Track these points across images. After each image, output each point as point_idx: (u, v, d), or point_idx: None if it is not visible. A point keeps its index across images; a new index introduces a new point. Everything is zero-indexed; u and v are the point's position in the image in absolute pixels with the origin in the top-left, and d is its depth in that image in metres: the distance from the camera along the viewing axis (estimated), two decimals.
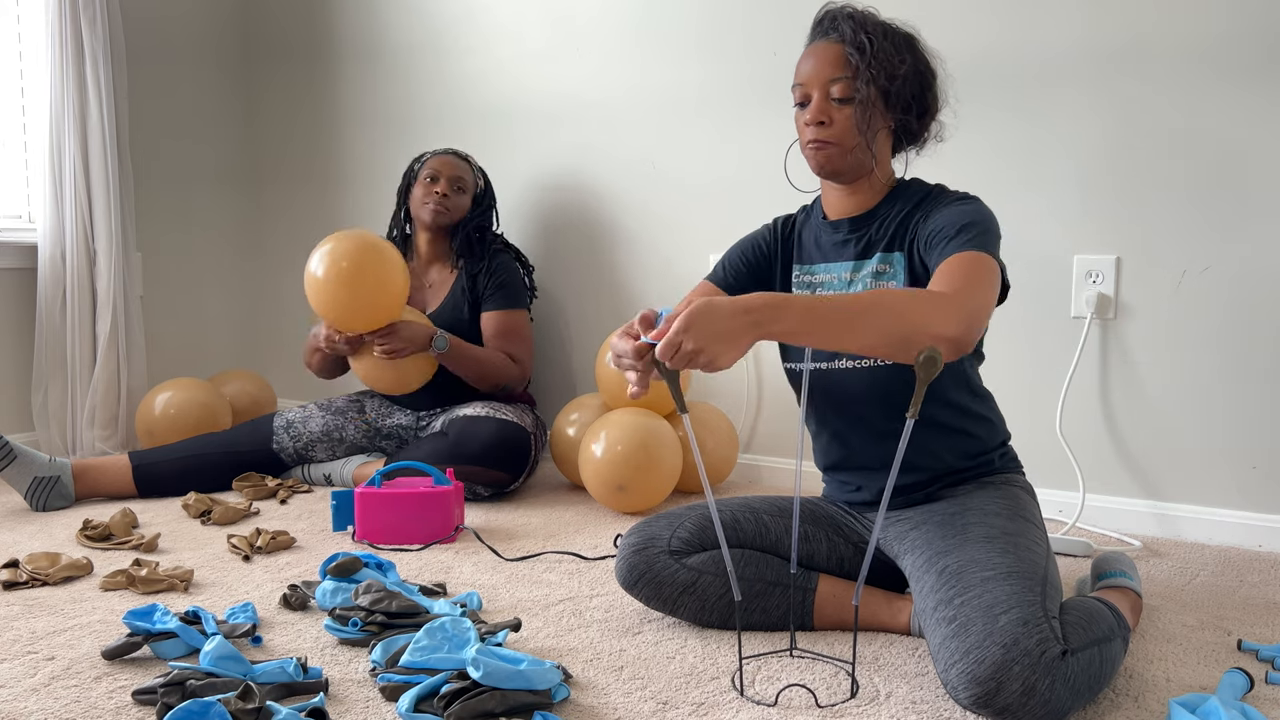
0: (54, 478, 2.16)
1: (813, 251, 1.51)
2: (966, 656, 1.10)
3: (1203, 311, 1.91)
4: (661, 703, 1.20)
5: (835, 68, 1.38)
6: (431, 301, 2.47)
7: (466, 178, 2.45)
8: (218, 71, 3.23)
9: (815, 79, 1.39)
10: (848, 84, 1.37)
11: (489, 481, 2.23)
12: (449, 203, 2.42)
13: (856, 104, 1.37)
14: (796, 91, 1.42)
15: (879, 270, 1.42)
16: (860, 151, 1.40)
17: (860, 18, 1.40)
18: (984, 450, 1.45)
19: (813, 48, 1.42)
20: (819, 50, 1.40)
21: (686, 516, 1.47)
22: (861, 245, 1.44)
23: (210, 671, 1.20)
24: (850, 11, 1.41)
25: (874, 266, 1.42)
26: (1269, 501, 1.88)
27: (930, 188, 1.45)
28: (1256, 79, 1.82)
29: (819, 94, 1.39)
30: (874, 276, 1.42)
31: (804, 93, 1.41)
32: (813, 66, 1.40)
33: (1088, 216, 1.99)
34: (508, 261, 2.46)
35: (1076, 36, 1.97)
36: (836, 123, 1.38)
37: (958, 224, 1.30)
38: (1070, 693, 1.09)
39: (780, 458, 2.43)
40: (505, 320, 2.41)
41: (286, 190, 3.27)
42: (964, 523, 1.32)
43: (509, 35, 2.74)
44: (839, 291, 1.41)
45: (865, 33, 1.37)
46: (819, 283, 1.48)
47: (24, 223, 2.80)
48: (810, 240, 1.52)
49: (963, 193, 1.41)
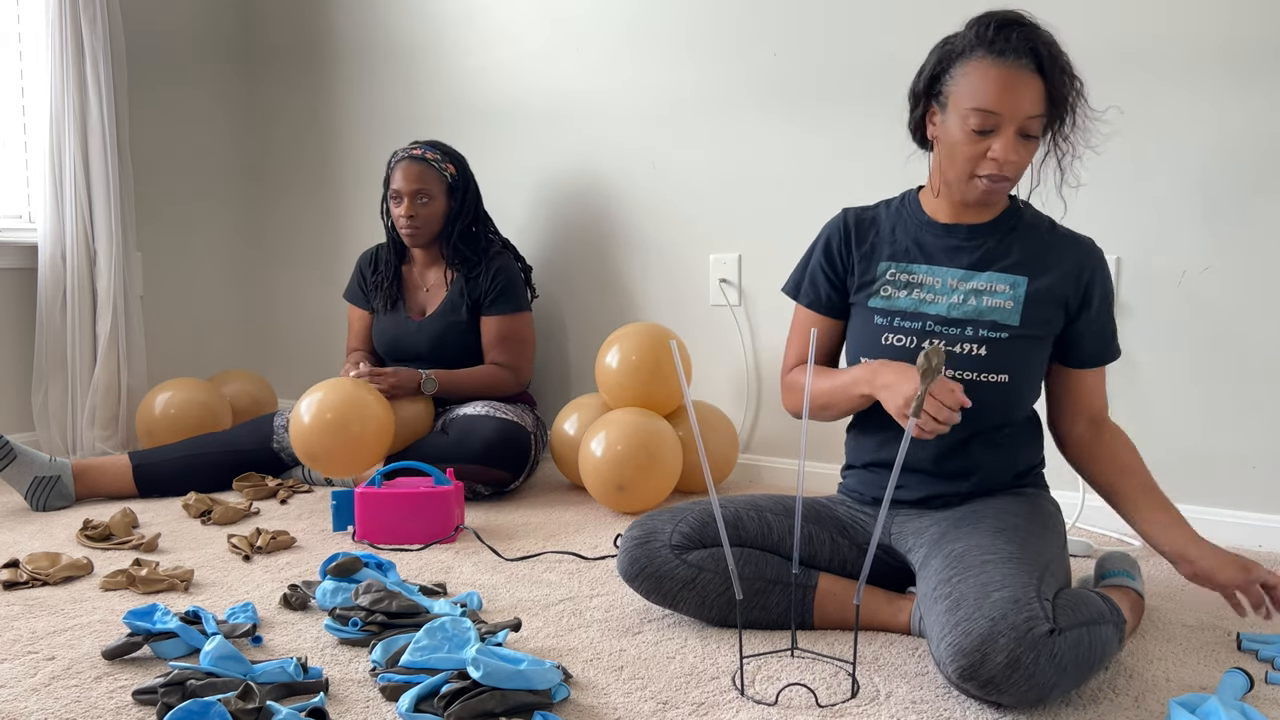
0: (54, 478, 2.16)
1: (913, 250, 1.45)
2: (955, 629, 1.12)
3: (1203, 311, 1.91)
4: (661, 703, 1.20)
5: (1035, 104, 1.30)
6: (429, 305, 2.47)
7: (430, 184, 2.37)
8: (218, 71, 3.23)
9: (1015, 113, 1.29)
10: (1040, 123, 1.31)
11: (489, 481, 2.23)
12: (418, 221, 2.38)
13: (1038, 144, 1.34)
14: (977, 115, 1.30)
15: (994, 288, 1.40)
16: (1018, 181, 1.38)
17: (1050, 44, 1.31)
18: (1029, 467, 1.47)
19: (1009, 70, 1.29)
20: (1019, 79, 1.29)
21: (690, 512, 1.46)
22: (978, 255, 1.42)
23: (210, 671, 1.20)
24: (1041, 33, 1.31)
25: (988, 284, 1.40)
26: (1269, 501, 1.88)
27: (1047, 219, 1.45)
28: (1258, 79, 1.82)
29: (1012, 128, 1.30)
30: (988, 294, 1.40)
31: (993, 122, 1.31)
32: (1013, 99, 1.29)
33: (1087, 216, 1.99)
34: (506, 264, 2.44)
35: (1076, 36, 1.97)
36: (1020, 160, 1.33)
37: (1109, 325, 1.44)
38: (1056, 670, 1.09)
39: (780, 458, 2.43)
40: (505, 326, 2.41)
41: (287, 190, 3.27)
42: (979, 516, 1.35)
43: (508, 36, 2.74)
44: (940, 296, 1.41)
45: (1063, 71, 1.30)
46: (919, 283, 1.44)
47: (24, 223, 2.80)
48: (908, 237, 1.46)
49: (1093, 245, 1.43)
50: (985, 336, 1.38)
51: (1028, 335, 1.39)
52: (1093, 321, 1.41)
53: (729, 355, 2.48)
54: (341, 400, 2.10)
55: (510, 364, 2.41)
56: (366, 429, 2.10)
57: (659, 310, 2.58)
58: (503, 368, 2.40)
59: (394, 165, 2.41)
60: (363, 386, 2.15)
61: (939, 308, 1.41)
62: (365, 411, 2.10)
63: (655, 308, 2.59)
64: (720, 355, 2.49)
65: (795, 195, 2.34)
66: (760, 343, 2.43)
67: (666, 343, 2.24)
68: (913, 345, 1.41)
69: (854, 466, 1.55)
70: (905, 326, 1.43)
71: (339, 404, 2.09)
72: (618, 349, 2.25)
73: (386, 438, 2.15)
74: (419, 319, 2.45)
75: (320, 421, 2.08)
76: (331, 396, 2.11)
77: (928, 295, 1.43)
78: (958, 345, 1.39)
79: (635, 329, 2.28)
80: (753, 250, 2.42)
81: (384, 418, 2.14)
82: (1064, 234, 1.43)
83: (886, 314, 1.45)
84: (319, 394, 2.12)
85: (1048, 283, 1.39)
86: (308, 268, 3.26)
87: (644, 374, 2.21)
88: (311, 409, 2.10)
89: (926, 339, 1.41)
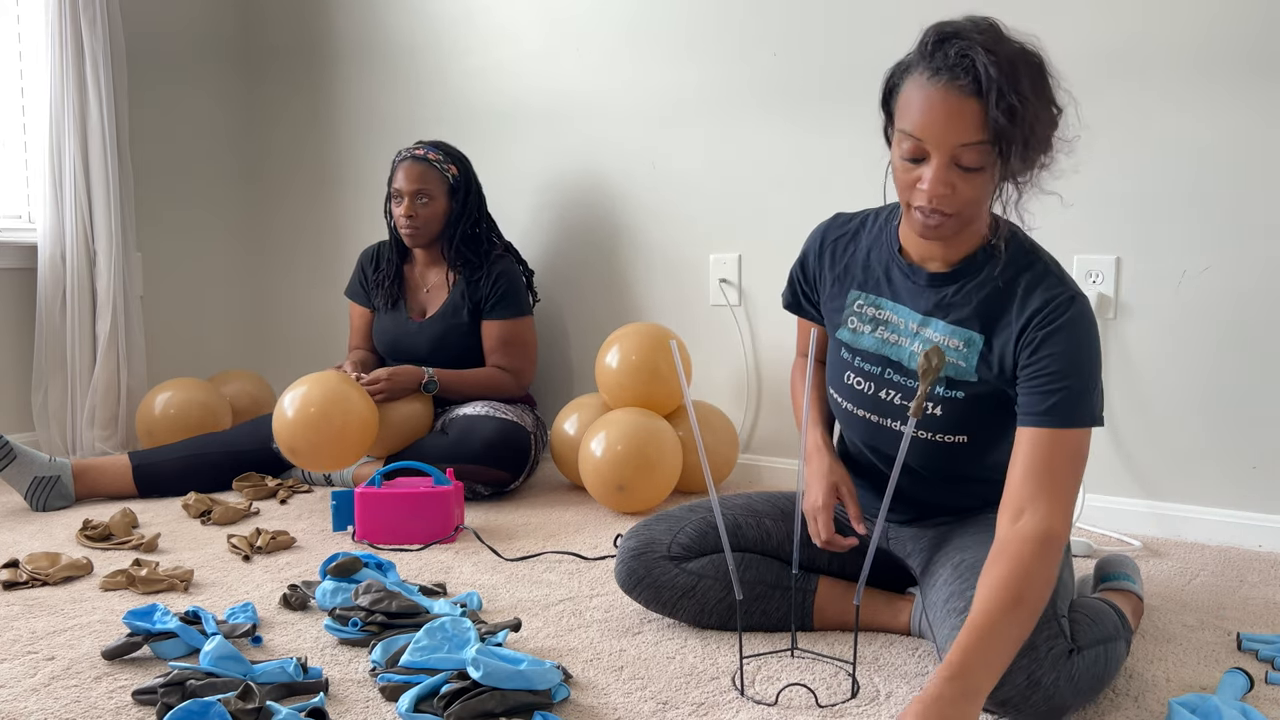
0: (54, 477, 2.16)
1: (882, 283, 1.34)
2: None
3: (1203, 311, 1.91)
4: (661, 703, 1.20)
5: (971, 131, 1.10)
6: (430, 306, 2.47)
7: (431, 184, 2.38)
8: (218, 71, 3.23)
9: (942, 140, 1.11)
10: (982, 153, 1.11)
11: (489, 480, 2.23)
12: (417, 221, 2.38)
13: (986, 177, 1.13)
14: (905, 139, 1.15)
15: (949, 345, 1.26)
16: (976, 218, 1.22)
17: (1004, 60, 1.09)
18: None
19: (938, 92, 1.11)
20: (950, 101, 1.10)
21: (687, 520, 1.45)
22: (932, 303, 1.28)
23: (210, 671, 1.20)
24: (988, 46, 1.10)
25: (944, 337, 1.27)
26: (1269, 501, 1.88)
27: (1027, 262, 1.24)
28: (1257, 79, 1.82)
29: (942, 157, 1.12)
30: (945, 350, 1.26)
31: (920, 149, 1.14)
32: (940, 125, 1.11)
33: (1088, 217, 1.99)
34: (508, 268, 2.44)
35: (1077, 36, 1.97)
36: (960, 193, 1.14)
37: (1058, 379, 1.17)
38: (1073, 690, 1.09)
39: (780, 458, 2.43)
40: (507, 330, 2.41)
41: (287, 190, 3.27)
42: (984, 524, 1.32)
43: (508, 36, 2.74)
44: (903, 339, 1.31)
45: (1015, 90, 1.08)
46: (885, 320, 1.33)
47: (24, 223, 2.79)
48: (880, 267, 1.34)
49: (1066, 296, 1.20)
50: (941, 395, 1.27)
51: (985, 394, 1.26)
52: (1035, 374, 1.20)
53: (729, 355, 2.48)
54: (325, 395, 2.09)
55: (512, 367, 2.41)
56: (349, 423, 2.09)
57: (659, 310, 2.58)
58: (504, 371, 2.40)
59: (396, 165, 2.41)
60: (347, 382, 2.15)
61: (901, 353, 1.31)
62: (348, 406, 2.10)
63: (655, 308, 2.59)
64: (720, 355, 2.49)
65: (795, 195, 2.34)
66: (760, 343, 2.43)
67: (666, 343, 2.24)
68: (870, 391, 1.34)
69: None
70: (866, 370, 1.34)
71: (322, 398, 2.09)
72: (618, 349, 2.25)
73: (370, 433, 2.15)
74: (420, 319, 2.45)
75: (303, 416, 2.07)
76: (315, 391, 2.10)
77: (892, 336, 1.32)
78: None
79: (635, 329, 2.28)
80: (753, 250, 2.42)
81: (367, 414, 2.14)
82: (1037, 279, 1.22)
83: (851, 351, 1.36)
84: (302, 388, 2.11)
85: (1001, 342, 1.24)
86: (308, 268, 3.26)
87: (644, 374, 2.21)
88: (295, 403, 2.09)
89: (884, 389, 1.32)
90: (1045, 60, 1.16)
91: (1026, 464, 1.17)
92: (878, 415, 1.34)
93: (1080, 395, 1.18)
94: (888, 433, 1.34)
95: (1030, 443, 1.17)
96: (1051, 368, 1.18)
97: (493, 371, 2.39)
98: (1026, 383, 1.20)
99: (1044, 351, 1.19)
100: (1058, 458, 1.16)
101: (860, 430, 1.38)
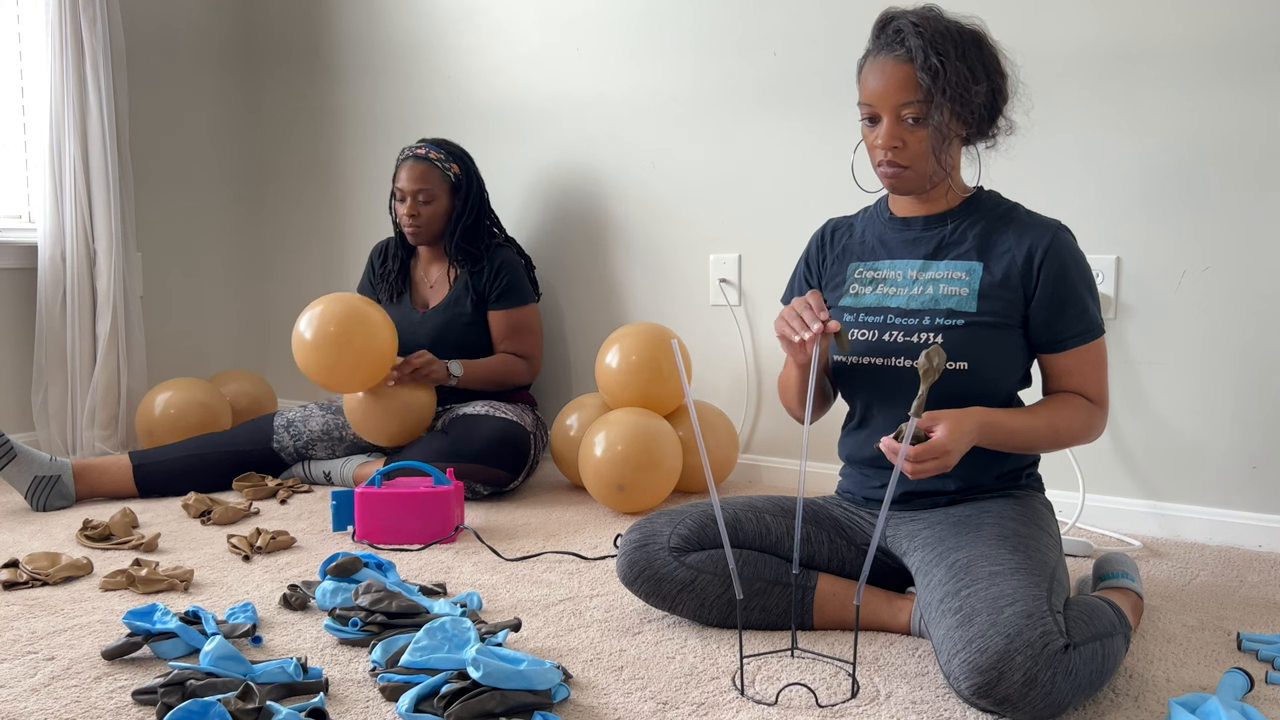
0: (54, 477, 2.16)
1: (878, 248, 1.49)
2: (969, 646, 1.11)
3: (1203, 311, 1.91)
4: (661, 703, 1.20)
5: (906, 91, 1.33)
6: (433, 299, 2.49)
7: (432, 184, 2.41)
8: (218, 71, 3.23)
9: (884, 101, 1.35)
10: (920, 108, 1.33)
11: (488, 479, 2.23)
12: (419, 220, 2.42)
13: (931, 128, 1.34)
14: (864, 108, 1.38)
15: (951, 276, 1.40)
16: (934, 170, 1.39)
17: (929, 30, 1.33)
18: (1016, 470, 1.45)
19: (880, 64, 1.36)
20: (887, 69, 1.35)
21: (688, 514, 1.47)
22: (933, 245, 1.43)
23: (210, 671, 1.20)
24: (915, 20, 1.34)
25: (945, 272, 1.41)
26: (1269, 501, 1.88)
27: (1010, 204, 1.44)
28: (1257, 79, 1.82)
29: (890, 117, 1.35)
30: (945, 282, 1.40)
31: (871, 112, 1.38)
32: (881, 87, 1.35)
33: (1088, 216, 1.99)
34: (510, 258, 2.47)
35: (1078, 36, 1.97)
36: (910, 145, 1.36)
37: (1077, 305, 1.37)
38: (1071, 686, 1.09)
39: (780, 458, 2.43)
40: (514, 318, 2.45)
41: (287, 190, 3.27)
42: (978, 523, 1.33)
43: (509, 36, 2.74)
44: (901, 288, 1.43)
45: (937, 53, 1.31)
46: (883, 278, 1.46)
47: (24, 223, 2.80)
48: (874, 238, 1.50)
49: (1055, 225, 1.39)
50: (941, 325, 1.38)
51: (985, 322, 1.38)
52: (1046, 304, 1.37)
53: (729, 355, 2.48)
54: (344, 312, 2.13)
55: (524, 352, 2.47)
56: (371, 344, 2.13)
57: (659, 310, 2.58)
58: (517, 357, 2.45)
59: (399, 164, 2.45)
60: (366, 301, 2.19)
61: (899, 300, 1.43)
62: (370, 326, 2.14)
63: (655, 308, 2.59)
64: (720, 355, 2.49)
65: (795, 195, 2.34)
66: (760, 343, 2.43)
67: (666, 343, 2.24)
68: (874, 339, 1.43)
69: (849, 464, 1.55)
70: (868, 321, 1.45)
71: (341, 316, 2.12)
72: (618, 349, 2.25)
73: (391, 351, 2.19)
74: (423, 311, 2.48)
75: (324, 334, 2.10)
76: (334, 308, 2.14)
77: (889, 289, 1.45)
78: (915, 335, 1.40)
79: (635, 329, 2.28)
80: (753, 250, 2.42)
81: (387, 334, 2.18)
82: (1023, 218, 1.42)
83: (853, 311, 1.47)
84: (319, 308, 2.15)
85: (1003, 268, 1.38)
86: (308, 267, 3.26)
87: (644, 374, 2.21)
88: (313, 323, 2.13)
89: (887, 331, 1.42)
90: (981, 33, 1.38)
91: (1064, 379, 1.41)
92: (883, 357, 1.42)
93: (1093, 314, 1.39)
94: (893, 375, 1.42)
95: (1064, 363, 1.40)
96: (1070, 296, 1.37)
97: (506, 357, 2.44)
98: (1048, 315, 1.38)
99: (1058, 285, 1.37)
100: (1089, 367, 1.40)
101: (867, 383, 1.45)
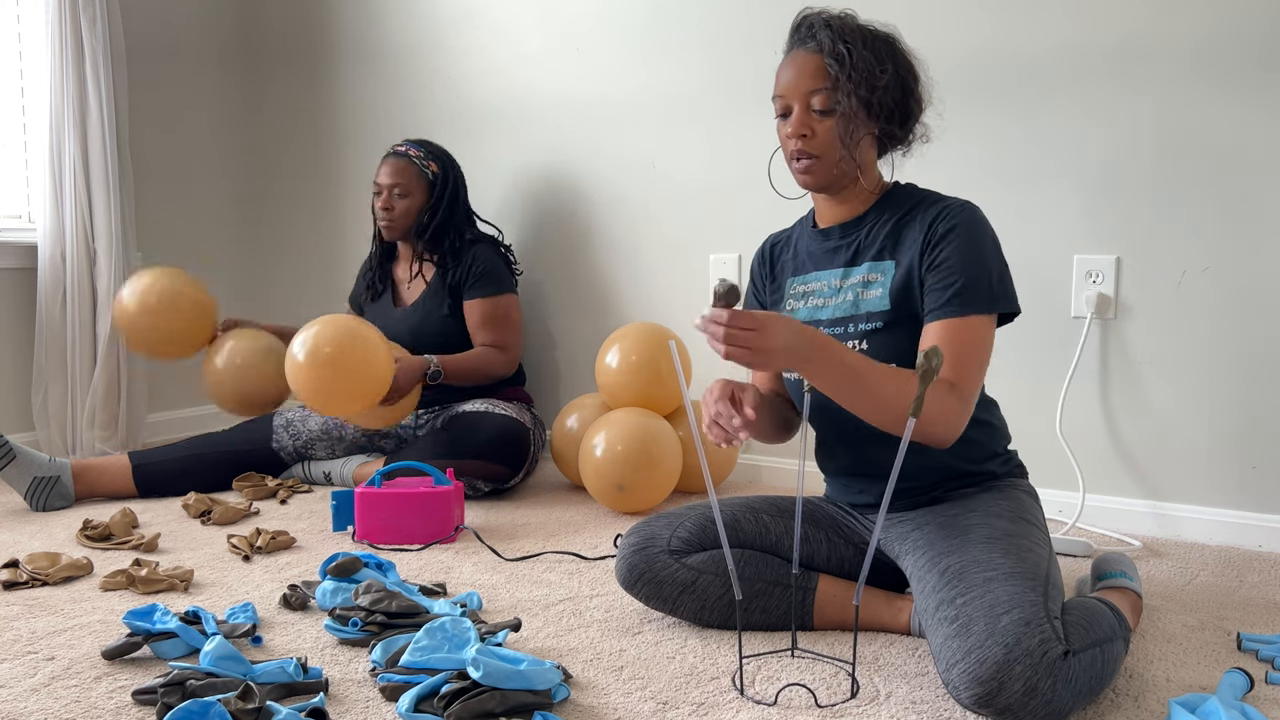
0: (54, 478, 2.16)
1: (806, 262, 1.50)
2: (968, 656, 1.10)
3: (1203, 311, 1.91)
4: (661, 703, 1.20)
5: (814, 79, 1.36)
6: (409, 297, 2.51)
7: (408, 180, 2.43)
8: (218, 71, 3.23)
9: (794, 90, 1.38)
10: (828, 95, 1.36)
11: (488, 476, 2.23)
12: (392, 215, 2.44)
13: (838, 116, 1.36)
14: (777, 103, 1.41)
15: (867, 280, 1.40)
16: (844, 162, 1.39)
17: (838, 25, 1.37)
18: (985, 455, 1.44)
19: (791, 57, 1.40)
20: (797, 60, 1.39)
21: (686, 516, 1.47)
22: (851, 252, 1.44)
23: (210, 671, 1.20)
24: (827, 18, 1.38)
25: (863, 276, 1.41)
26: (1269, 501, 1.88)
27: (922, 194, 1.43)
28: (1257, 79, 1.82)
29: (799, 106, 1.38)
30: (863, 286, 1.40)
31: (784, 104, 1.40)
32: (791, 77, 1.39)
33: (1087, 216, 1.99)
34: (483, 250, 2.46)
35: (1075, 36, 1.97)
36: (818, 135, 1.37)
37: (956, 273, 1.32)
38: (1072, 693, 1.09)
39: (780, 458, 2.43)
40: (489, 307, 2.43)
41: (287, 189, 3.27)
42: (966, 524, 1.32)
43: (509, 36, 2.74)
44: (829, 299, 1.43)
45: (844, 42, 1.35)
46: (810, 291, 1.47)
47: (24, 223, 2.79)
48: (804, 251, 1.51)
49: (958, 203, 1.38)
50: (864, 330, 1.38)
51: (901, 320, 1.37)
52: (928, 272, 1.35)
53: None
54: (339, 335, 2.05)
55: (499, 343, 2.42)
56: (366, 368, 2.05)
57: (659, 310, 2.58)
58: (492, 348, 2.42)
59: (381, 161, 2.49)
60: (362, 322, 2.12)
61: (827, 311, 1.43)
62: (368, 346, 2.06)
63: (655, 308, 2.59)
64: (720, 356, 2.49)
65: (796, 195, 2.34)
66: None
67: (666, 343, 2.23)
68: None
69: (826, 474, 1.56)
70: None
71: (336, 338, 2.04)
72: (618, 349, 2.25)
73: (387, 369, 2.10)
74: (401, 309, 2.50)
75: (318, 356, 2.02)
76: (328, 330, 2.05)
77: (818, 300, 1.45)
78: (845, 344, 1.38)
79: (635, 329, 2.28)
80: (752, 250, 2.42)
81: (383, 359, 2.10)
82: (929, 201, 1.40)
83: None
84: (314, 329, 2.06)
85: (908, 258, 1.38)
86: (308, 268, 3.26)
87: (644, 374, 2.21)
88: (307, 345, 2.04)
89: None
90: (894, 36, 1.41)
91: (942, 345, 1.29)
92: None
93: (976, 285, 1.32)
94: None
95: (935, 335, 1.31)
96: (949, 263, 1.33)
97: (481, 349, 2.41)
98: (929, 285, 1.34)
99: (941, 253, 1.34)
100: (958, 344, 1.30)
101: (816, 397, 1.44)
